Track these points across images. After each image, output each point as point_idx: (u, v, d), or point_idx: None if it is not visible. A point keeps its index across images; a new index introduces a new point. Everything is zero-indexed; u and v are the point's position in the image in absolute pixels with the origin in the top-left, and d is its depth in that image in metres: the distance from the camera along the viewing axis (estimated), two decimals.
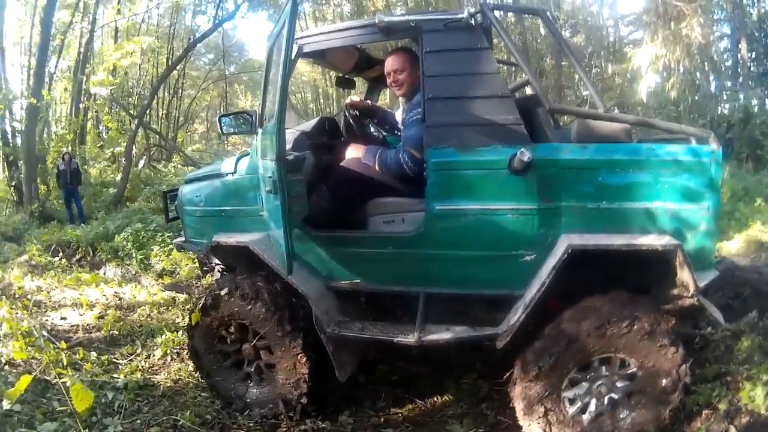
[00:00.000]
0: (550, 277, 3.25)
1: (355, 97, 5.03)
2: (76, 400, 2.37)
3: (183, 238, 5.24)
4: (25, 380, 2.58)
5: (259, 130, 3.93)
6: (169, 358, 5.42)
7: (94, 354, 5.36)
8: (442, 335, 3.63)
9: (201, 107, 41.99)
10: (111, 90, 22.00)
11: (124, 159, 20.30)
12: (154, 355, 5.48)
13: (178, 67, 27.35)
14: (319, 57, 4.71)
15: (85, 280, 8.63)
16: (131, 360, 5.37)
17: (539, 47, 22.45)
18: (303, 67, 32.08)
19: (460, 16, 3.48)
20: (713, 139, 3.34)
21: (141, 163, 24.81)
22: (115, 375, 4.92)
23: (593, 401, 3.48)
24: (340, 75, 5.46)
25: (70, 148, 18.56)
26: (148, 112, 24.17)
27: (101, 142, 25.45)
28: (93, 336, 6.00)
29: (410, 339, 3.60)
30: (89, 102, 24.36)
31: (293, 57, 3.77)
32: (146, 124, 25.96)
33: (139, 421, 4.11)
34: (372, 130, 4.78)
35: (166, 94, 31.80)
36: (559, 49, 20.23)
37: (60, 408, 3.90)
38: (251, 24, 79.92)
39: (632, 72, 15.40)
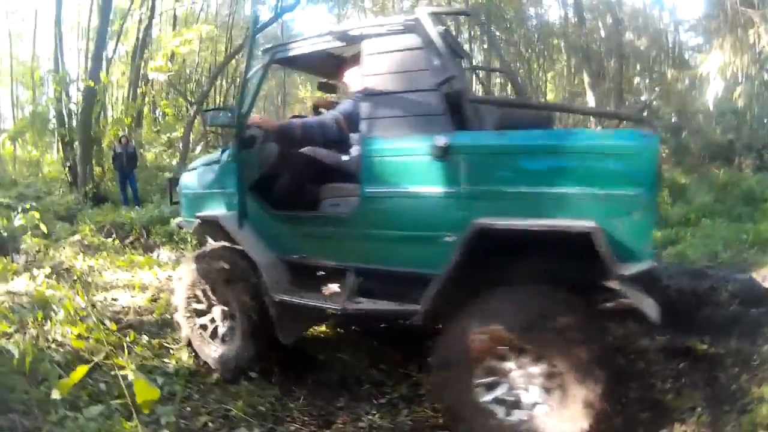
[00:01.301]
0: (457, 256, 3.43)
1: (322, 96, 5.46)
2: (140, 395, 2.29)
3: (181, 218, 5.86)
4: (81, 371, 2.52)
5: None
6: None
7: (145, 337, 5.33)
8: (366, 306, 4.03)
9: (259, 97, 42.12)
10: (169, 76, 22.21)
11: (181, 144, 20.48)
12: None
13: (236, 57, 27.58)
14: (292, 64, 5.47)
15: (138, 262, 8.66)
16: (183, 345, 5.31)
17: (600, 50, 22.06)
18: None
19: (396, 22, 3.96)
20: (649, 122, 3.45)
21: (198, 149, 25.07)
22: (166, 360, 4.87)
23: (517, 400, 3.44)
24: (322, 80, 5.92)
25: (126, 132, 18.75)
26: (206, 99, 24.33)
27: (158, 127, 25.76)
28: (144, 319, 5.96)
29: (337, 306, 4.06)
30: (147, 87, 24.66)
31: (267, 64, 4.75)
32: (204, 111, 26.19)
33: (189, 409, 4.05)
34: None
35: (224, 82, 31.99)
36: (620, 53, 19.92)
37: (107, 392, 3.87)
38: (311, 16, 79.78)
39: (698, 78, 15.08)
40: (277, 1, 26.66)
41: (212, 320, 4.79)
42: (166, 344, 5.27)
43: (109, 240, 10.80)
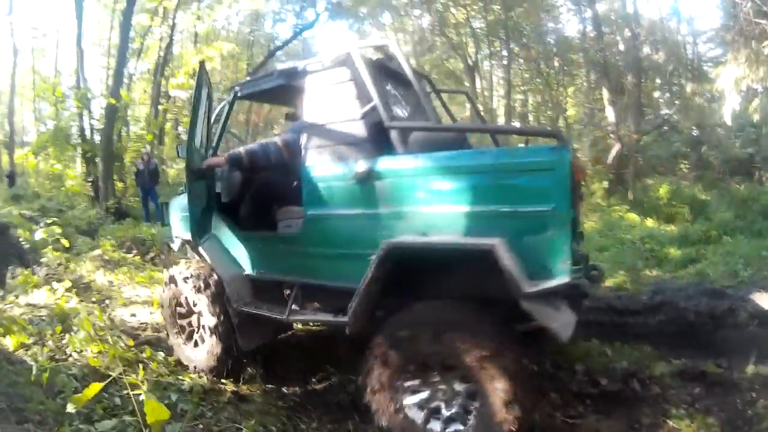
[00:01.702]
0: (372, 272, 3.70)
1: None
2: (151, 415, 2.33)
3: (170, 238, 6.47)
4: (95, 387, 2.56)
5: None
6: None
7: (161, 354, 5.39)
8: (305, 316, 4.62)
9: (281, 114, 42.20)
10: (190, 93, 22.37)
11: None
12: None
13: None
14: (257, 98, 6.43)
15: (157, 278, 8.69)
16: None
17: (618, 64, 21.88)
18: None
19: (330, 58, 4.35)
20: (561, 137, 3.41)
21: None
22: (180, 377, 4.89)
23: (445, 414, 3.60)
24: (288, 111, 6.14)
25: (148, 148, 18.90)
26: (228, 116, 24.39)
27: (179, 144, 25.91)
28: (162, 336, 5.98)
29: (281, 316, 4.47)
30: (169, 104, 24.84)
31: (231, 100, 5.32)
32: (227, 128, 26.28)
33: (201, 426, 4.05)
34: None
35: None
36: (639, 67, 19.80)
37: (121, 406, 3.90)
38: (331, 33, 79.98)
39: (715, 93, 14.94)
40: (297, 18, 27.19)
41: (194, 328, 5.28)
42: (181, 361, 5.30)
43: (130, 256, 10.83)
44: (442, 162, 3.70)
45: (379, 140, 4.02)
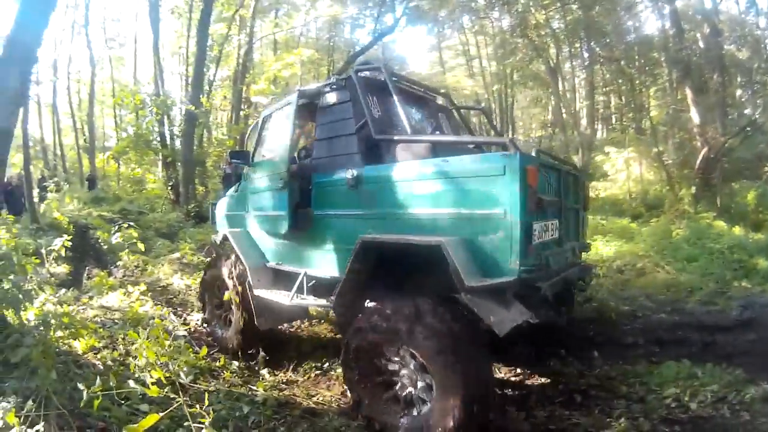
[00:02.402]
0: (350, 264, 4.31)
1: None
2: None
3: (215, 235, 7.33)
4: (152, 419, 2.56)
5: (252, 162, 6.18)
6: (313, 374, 5.36)
7: (235, 363, 5.36)
8: (306, 301, 5.07)
9: None
10: (271, 99, 22.54)
11: None
12: (300, 371, 5.48)
13: None
14: None
15: None
16: (275, 373, 5.32)
17: (700, 62, 20.82)
18: None
19: (335, 81, 5.11)
20: (510, 143, 3.68)
21: None
22: (253, 387, 4.76)
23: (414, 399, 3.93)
24: None
25: None
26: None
27: None
28: None
29: (285, 301, 5.15)
30: (249, 110, 25.11)
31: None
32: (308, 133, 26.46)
33: None
34: None
35: None
36: (721, 65, 18.91)
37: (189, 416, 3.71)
38: (410, 37, 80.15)
39: None
40: (375, 23, 27.11)
41: (226, 310, 6.26)
42: (257, 370, 5.31)
43: (209, 260, 10.71)
44: (409, 169, 4.27)
45: (369, 151, 4.68)
